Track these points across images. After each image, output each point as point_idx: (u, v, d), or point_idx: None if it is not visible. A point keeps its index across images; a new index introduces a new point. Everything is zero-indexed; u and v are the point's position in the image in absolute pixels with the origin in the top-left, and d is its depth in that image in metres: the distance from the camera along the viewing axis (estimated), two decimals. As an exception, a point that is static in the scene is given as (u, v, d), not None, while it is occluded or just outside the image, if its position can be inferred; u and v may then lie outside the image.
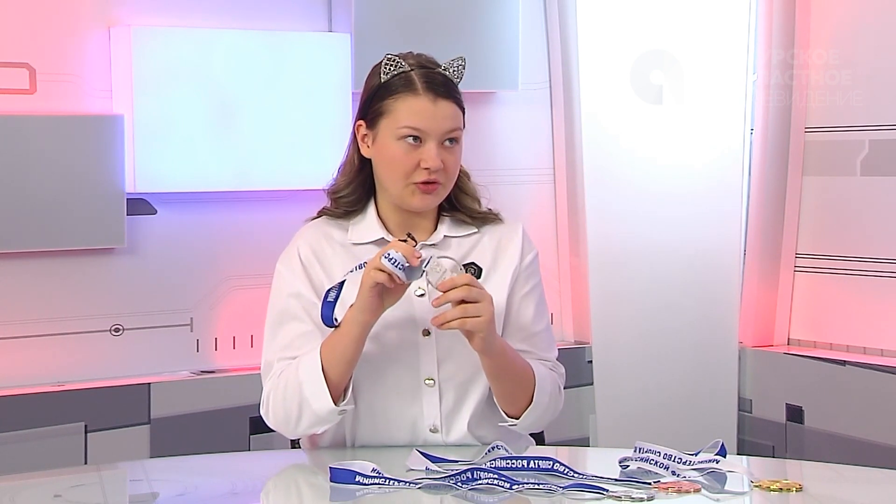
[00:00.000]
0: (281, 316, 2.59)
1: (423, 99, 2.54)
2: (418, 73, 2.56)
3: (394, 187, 2.58)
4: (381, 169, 2.60)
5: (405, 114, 2.54)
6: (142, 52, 3.90)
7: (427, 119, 2.54)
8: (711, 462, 2.35)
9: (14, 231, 3.78)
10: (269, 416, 2.56)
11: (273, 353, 2.59)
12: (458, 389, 2.58)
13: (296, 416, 2.50)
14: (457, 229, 2.65)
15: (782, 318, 4.55)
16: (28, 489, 2.40)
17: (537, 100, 4.63)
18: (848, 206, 4.37)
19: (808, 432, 4.37)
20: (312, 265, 2.60)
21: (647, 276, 4.41)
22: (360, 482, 2.27)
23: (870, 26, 4.30)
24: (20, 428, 3.77)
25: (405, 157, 2.54)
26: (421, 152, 2.54)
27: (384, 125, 2.56)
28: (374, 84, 2.60)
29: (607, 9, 4.42)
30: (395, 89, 2.55)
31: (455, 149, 2.58)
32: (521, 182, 4.60)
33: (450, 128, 2.56)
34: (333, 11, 4.26)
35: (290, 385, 2.50)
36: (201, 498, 2.37)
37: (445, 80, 2.58)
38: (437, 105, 2.54)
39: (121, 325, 4.00)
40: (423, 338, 2.56)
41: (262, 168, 4.08)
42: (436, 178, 2.55)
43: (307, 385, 2.47)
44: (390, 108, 2.55)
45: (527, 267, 2.66)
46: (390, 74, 2.56)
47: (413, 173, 2.55)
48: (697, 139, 4.42)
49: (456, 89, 2.60)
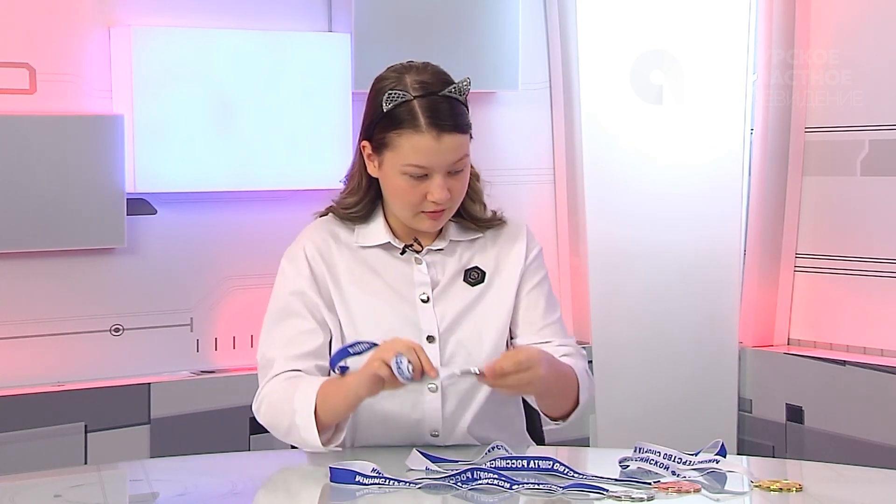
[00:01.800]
0: (283, 312, 2.58)
1: (426, 137, 2.46)
2: (421, 105, 2.47)
3: (401, 213, 2.55)
4: (388, 195, 2.55)
5: (408, 151, 2.46)
6: (142, 52, 3.90)
7: (431, 156, 2.46)
8: (711, 462, 2.35)
9: (14, 231, 3.78)
10: (260, 416, 2.55)
11: (275, 348, 2.56)
12: (460, 395, 2.57)
13: (284, 431, 2.50)
14: (462, 233, 2.62)
15: (782, 318, 4.55)
16: (28, 489, 2.39)
17: (537, 100, 4.63)
18: (848, 206, 4.37)
19: (808, 432, 4.37)
20: (318, 264, 2.58)
21: (647, 276, 4.41)
22: (360, 482, 2.27)
23: (870, 26, 4.30)
24: (20, 428, 3.77)
25: (411, 191, 2.49)
26: (427, 185, 2.48)
27: (388, 157, 2.50)
28: (376, 108, 2.52)
29: (607, 9, 4.42)
30: (398, 123, 2.47)
31: (461, 175, 2.52)
32: (521, 182, 4.60)
33: (455, 159, 2.49)
34: (333, 11, 4.26)
35: (284, 407, 2.48)
36: (201, 498, 2.37)
37: (449, 107, 2.49)
38: (442, 141, 2.46)
39: (121, 325, 4.00)
40: (427, 344, 2.55)
41: (261, 168, 4.08)
42: (443, 207, 2.51)
43: (299, 416, 2.45)
44: (394, 142, 2.48)
45: (532, 262, 2.64)
46: (391, 105, 2.48)
47: (420, 204, 2.51)
48: (697, 139, 4.42)
49: (461, 113, 2.50)
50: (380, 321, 2.54)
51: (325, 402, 2.44)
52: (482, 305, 2.58)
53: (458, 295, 2.58)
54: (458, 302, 2.57)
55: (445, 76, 2.55)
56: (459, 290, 2.58)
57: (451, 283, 2.58)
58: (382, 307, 2.55)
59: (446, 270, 2.58)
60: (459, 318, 2.56)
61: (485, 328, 2.57)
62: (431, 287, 2.56)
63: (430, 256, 2.57)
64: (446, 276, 2.58)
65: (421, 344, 2.49)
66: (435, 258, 2.58)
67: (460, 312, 2.56)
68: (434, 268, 2.58)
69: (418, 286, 2.57)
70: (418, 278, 2.57)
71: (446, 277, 2.58)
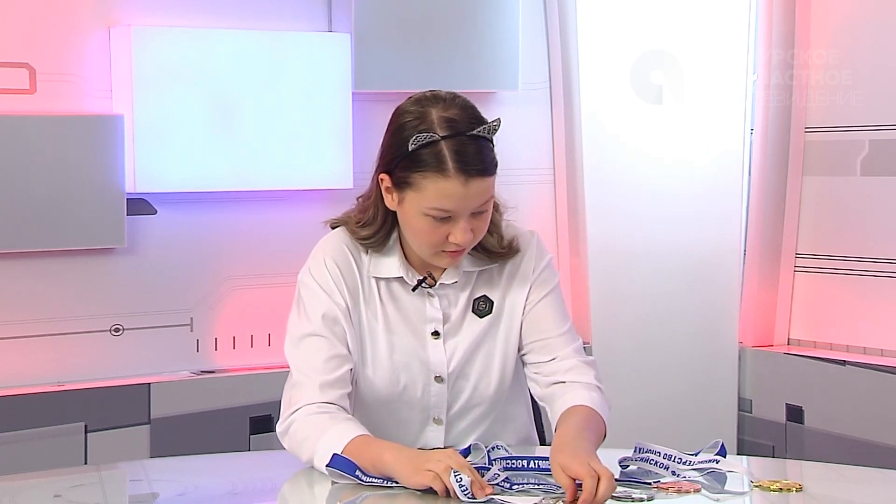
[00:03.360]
0: (313, 334, 2.47)
1: (453, 182, 2.35)
2: (448, 147, 2.36)
3: (419, 251, 2.47)
4: (407, 233, 2.46)
5: (434, 195, 2.36)
6: (142, 52, 3.89)
7: (458, 201, 2.36)
8: (711, 462, 2.35)
9: (14, 231, 3.77)
10: (284, 442, 2.45)
11: (305, 371, 2.45)
12: (464, 427, 2.56)
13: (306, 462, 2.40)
14: (475, 263, 2.54)
15: (782, 318, 4.55)
16: (28, 489, 2.39)
17: (537, 100, 4.63)
18: (848, 206, 4.37)
19: (808, 432, 4.37)
20: (343, 288, 2.49)
21: (647, 276, 4.41)
22: (360, 478, 2.26)
23: (870, 26, 4.30)
24: (20, 428, 3.77)
25: (432, 232, 2.40)
26: (450, 227, 2.39)
27: (410, 197, 2.40)
28: (399, 145, 2.40)
29: (607, 9, 4.42)
30: (424, 164, 2.36)
31: (485, 213, 2.42)
32: (521, 182, 4.59)
33: (481, 202, 2.39)
34: (333, 11, 4.25)
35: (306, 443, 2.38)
36: (201, 498, 2.37)
37: (477, 148, 2.38)
38: (469, 186, 2.36)
39: (121, 325, 4.00)
40: (434, 383, 2.52)
41: (261, 168, 4.08)
42: (464, 247, 2.44)
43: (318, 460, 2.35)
44: (418, 183, 2.37)
45: (540, 273, 2.58)
46: (418, 145, 2.36)
47: (441, 244, 2.42)
48: (697, 139, 4.42)
49: (488, 154, 2.39)
50: (391, 354, 2.50)
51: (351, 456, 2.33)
52: (490, 338, 2.54)
53: (467, 328, 2.53)
54: (467, 336, 2.53)
55: (473, 111, 2.44)
56: (469, 323, 2.54)
57: (462, 316, 2.54)
58: (394, 340, 2.51)
59: (458, 303, 2.53)
60: (468, 355, 2.53)
61: (491, 363, 2.54)
62: (443, 322, 2.52)
63: (441, 290, 2.53)
64: (457, 310, 2.53)
65: (429, 383, 2.49)
66: (447, 291, 2.53)
67: (469, 349, 2.53)
68: (446, 300, 2.53)
69: (429, 321, 2.52)
70: (430, 313, 2.52)
71: (457, 311, 2.53)
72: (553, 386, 2.52)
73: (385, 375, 2.50)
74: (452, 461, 2.20)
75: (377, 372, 2.49)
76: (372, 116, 4.25)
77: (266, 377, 4.04)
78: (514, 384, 2.59)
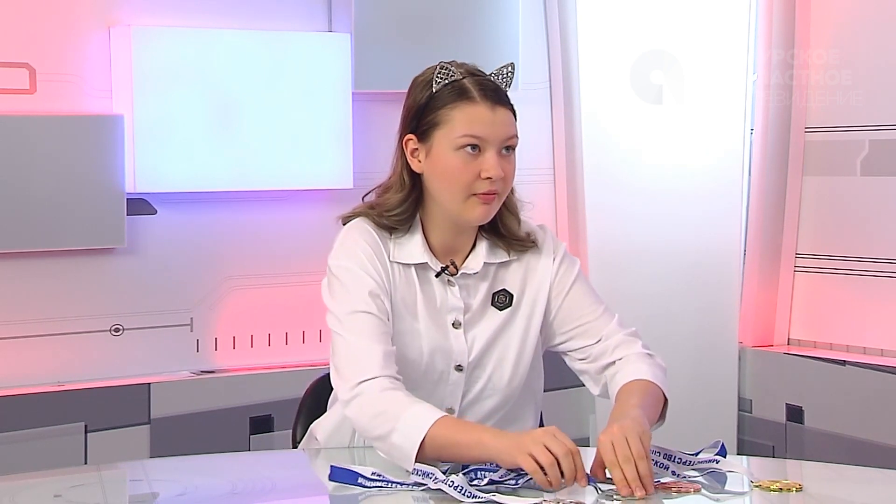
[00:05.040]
0: (358, 312, 2.45)
1: (480, 106, 2.47)
2: (471, 81, 2.49)
3: (452, 201, 2.48)
4: (438, 182, 2.49)
5: (463, 122, 2.45)
6: (142, 52, 3.90)
7: (487, 126, 2.46)
8: (711, 462, 2.35)
9: (14, 231, 3.78)
10: (354, 414, 2.40)
11: (364, 343, 2.42)
12: (477, 416, 2.56)
13: (373, 438, 2.38)
14: (494, 255, 2.56)
15: (782, 318, 4.55)
16: (28, 489, 2.39)
17: (537, 100, 4.63)
18: (848, 206, 4.37)
19: (808, 432, 4.37)
20: (377, 268, 2.49)
21: (647, 276, 4.41)
22: (363, 484, 2.27)
23: (870, 26, 4.30)
24: (20, 428, 3.77)
25: (465, 168, 2.45)
26: (481, 162, 2.45)
27: (439, 136, 2.47)
28: (422, 96, 2.50)
29: (607, 9, 4.42)
30: (450, 99, 2.47)
31: (512, 157, 2.49)
32: (521, 182, 4.56)
33: (509, 134, 2.48)
34: (333, 11, 4.26)
35: (386, 419, 2.34)
36: (201, 498, 2.37)
37: (497, 87, 2.52)
38: (496, 112, 2.48)
39: (121, 325, 4.00)
40: (454, 371, 2.53)
41: (262, 168, 4.08)
42: (496, 189, 2.47)
43: (398, 436, 2.32)
44: (446, 117, 2.46)
45: (560, 263, 2.59)
46: (441, 84, 2.47)
47: (473, 184, 2.45)
48: (697, 139, 4.42)
49: (508, 96, 2.53)
50: (415, 340, 2.51)
51: (439, 441, 2.30)
52: (507, 331, 2.55)
53: (487, 320, 2.54)
54: (486, 328, 2.54)
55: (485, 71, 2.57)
56: (489, 315, 2.55)
57: (482, 308, 2.55)
58: (418, 326, 2.51)
59: (478, 294, 2.54)
60: (487, 347, 2.54)
61: (506, 355, 2.55)
62: (464, 312, 2.53)
63: (463, 279, 2.53)
64: (477, 301, 2.54)
65: (448, 372, 2.49)
66: (468, 281, 2.54)
67: (488, 340, 2.54)
68: (466, 290, 2.54)
69: (451, 311, 2.52)
70: (452, 302, 2.52)
71: (477, 302, 2.54)
72: (605, 371, 2.58)
73: (409, 360, 2.49)
74: (553, 443, 2.20)
75: (402, 356, 2.48)
76: (372, 116, 4.25)
77: (266, 377, 4.04)
78: (526, 387, 2.60)
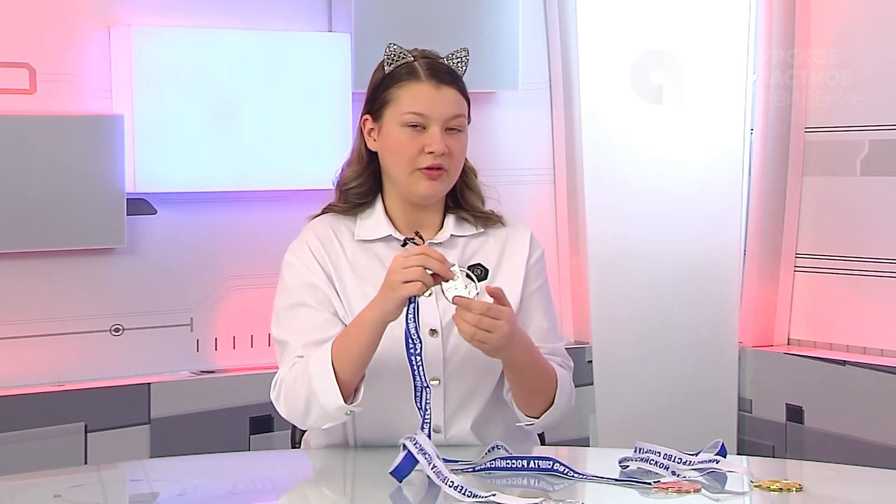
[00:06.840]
0: (296, 305, 2.59)
1: (425, 85, 2.57)
2: (421, 63, 2.60)
3: (400, 175, 2.59)
4: (387, 158, 2.61)
5: (408, 100, 2.57)
6: (142, 52, 3.90)
7: (429, 103, 2.56)
8: (711, 462, 2.35)
9: (14, 231, 3.77)
10: (280, 403, 2.55)
11: (291, 336, 2.57)
12: (463, 390, 2.58)
13: (304, 409, 2.49)
14: (461, 228, 2.66)
15: (782, 318, 4.55)
16: (28, 489, 2.39)
17: (537, 100, 4.63)
18: (848, 206, 4.37)
19: (808, 432, 4.37)
20: (322, 257, 2.61)
21: (647, 276, 4.41)
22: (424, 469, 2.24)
23: (870, 26, 4.30)
24: (20, 428, 3.77)
25: (409, 143, 2.56)
26: (425, 137, 2.56)
27: (388, 114, 2.59)
28: (377, 77, 2.64)
29: (607, 9, 4.41)
30: (399, 78, 2.59)
31: (459, 136, 2.59)
32: (521, 182, 4.60)
33: (453, 113, 2.58)
34: (333, 11, 4.26)
35: (299, 377, 2.49)
36: (201, 498, 2.37)
37: (449, 69, 2.62)
38: (440, 91, 2.58)
39: (121, 325, 4.00)
40: (429, 337, 2.56)
41: (262, 168, 4.08)
42: (441, 164, 2.56)
43: (317, 379, 2.46)
44: (394, 95, 2.59)
45: (534, 264, 2.67)
46: (394, 65, 2.60)
47: (417, 158, 2.56)
48: (697, 139, 4.42)
49: (460, 79, 2.63)
50: None
51: (343, 352, 2.45)
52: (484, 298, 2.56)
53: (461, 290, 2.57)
54: None
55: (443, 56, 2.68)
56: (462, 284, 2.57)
57: None
58: None
59: None
60: None
61: None
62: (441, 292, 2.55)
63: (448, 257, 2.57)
64: None
65: (423, 337, 2.49)
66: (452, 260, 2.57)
67: None
68: None
69: None
70: None
71: None
72: None
73: (385, 335, 2.49)
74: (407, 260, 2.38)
75: None
76: (372, 116, 4.24)
77: (266, 377, 3.98)
78: None
